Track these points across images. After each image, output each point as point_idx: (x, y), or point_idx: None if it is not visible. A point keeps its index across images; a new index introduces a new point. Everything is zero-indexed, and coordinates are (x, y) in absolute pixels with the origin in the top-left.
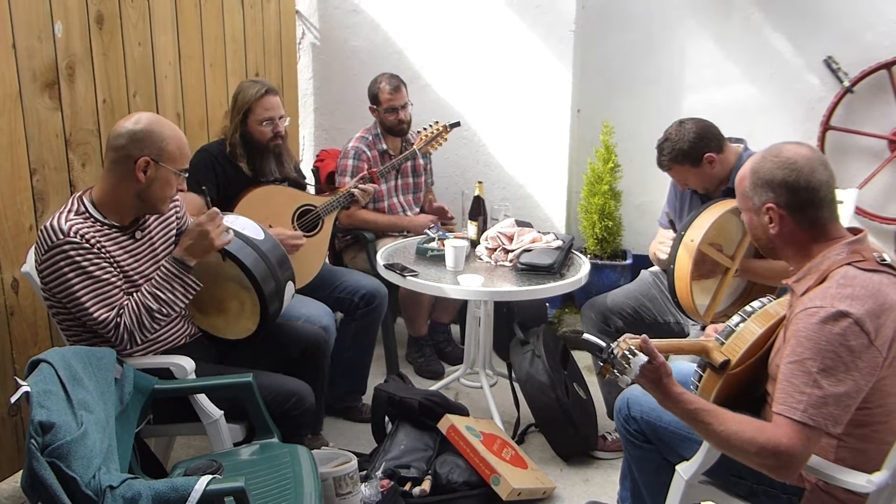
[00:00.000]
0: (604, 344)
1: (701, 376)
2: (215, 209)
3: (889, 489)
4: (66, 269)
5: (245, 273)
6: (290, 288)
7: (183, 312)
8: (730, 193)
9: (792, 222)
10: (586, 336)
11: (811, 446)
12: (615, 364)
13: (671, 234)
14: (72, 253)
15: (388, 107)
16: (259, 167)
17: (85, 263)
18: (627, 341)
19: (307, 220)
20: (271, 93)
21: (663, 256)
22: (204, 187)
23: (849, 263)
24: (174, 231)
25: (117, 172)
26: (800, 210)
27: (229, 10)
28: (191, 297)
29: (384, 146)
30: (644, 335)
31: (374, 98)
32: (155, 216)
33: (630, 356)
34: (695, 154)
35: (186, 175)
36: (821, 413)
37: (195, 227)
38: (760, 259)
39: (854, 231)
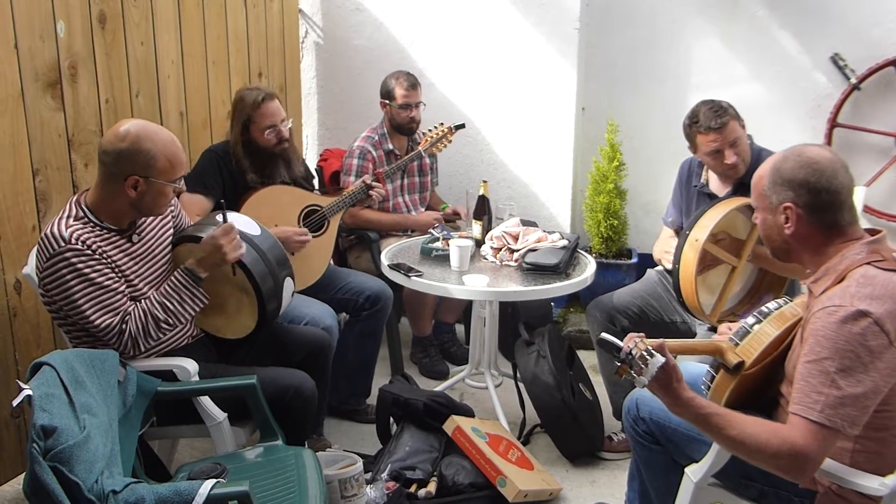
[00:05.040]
0: (621, 344)
1: (713, 377)
2: (230, 224)
3: None
4: (69, 277)
5: (244, 271)
6: (288, 285)
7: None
8: (739, 189)
9: (808, 223)
10: (604, 335)
11: (827, 447)
12: (633, 364)
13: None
14: (74, 260)
15: (403, 103)
16: (269, 174)
17: (87, 270)
18: (645, 341)
19: (313, 221)
20: (269, 98)
21: (668, 266)
22: (222, 200)
23: (868, 263)
24: (171, 231)
25: (108, 185)
26: (819, 211)
27: (232, 9)
28: (198, 310)
29: (390, 146)
30: (663, 339)
31: (388, 93)
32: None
33: (648, 357)
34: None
35: (182, 182)
36: (838, 414)
37: (209, 241)
38: None
39: (872, 231)
